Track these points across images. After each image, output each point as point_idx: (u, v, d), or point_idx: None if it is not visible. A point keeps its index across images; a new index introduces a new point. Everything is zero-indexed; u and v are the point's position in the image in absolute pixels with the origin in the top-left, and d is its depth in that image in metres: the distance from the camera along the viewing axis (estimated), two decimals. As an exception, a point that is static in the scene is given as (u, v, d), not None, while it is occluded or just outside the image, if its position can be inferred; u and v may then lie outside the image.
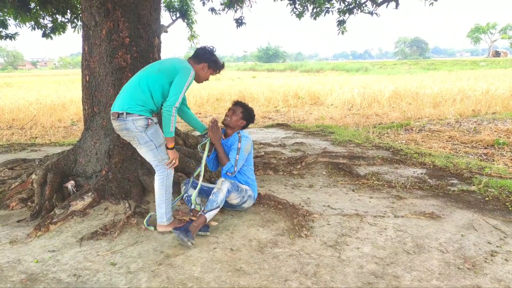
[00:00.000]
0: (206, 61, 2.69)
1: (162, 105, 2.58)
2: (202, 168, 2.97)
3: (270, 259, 2.43)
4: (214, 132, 2.93)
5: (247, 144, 3.03)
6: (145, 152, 2.62)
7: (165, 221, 2.77)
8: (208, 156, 3.05)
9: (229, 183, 2.86)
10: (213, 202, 2.72)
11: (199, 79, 2.74)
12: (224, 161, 2.99)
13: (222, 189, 2.79)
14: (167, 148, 2.66)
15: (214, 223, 2.91)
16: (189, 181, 3.13)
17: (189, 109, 2.96)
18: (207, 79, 2.80)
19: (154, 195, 3.54)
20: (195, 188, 3.05)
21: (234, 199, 2.98)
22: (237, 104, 3.10)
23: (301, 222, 2.90)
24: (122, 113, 2.49)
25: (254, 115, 3.16)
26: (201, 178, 2.95)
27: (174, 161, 2.70)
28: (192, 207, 3.04)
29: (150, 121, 2.56)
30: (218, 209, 2.76)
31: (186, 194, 3.09)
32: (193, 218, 2.80)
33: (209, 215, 2.71)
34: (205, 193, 3.10)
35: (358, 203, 3.42)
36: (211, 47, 2.74)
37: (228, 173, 2.99)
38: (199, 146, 3.12)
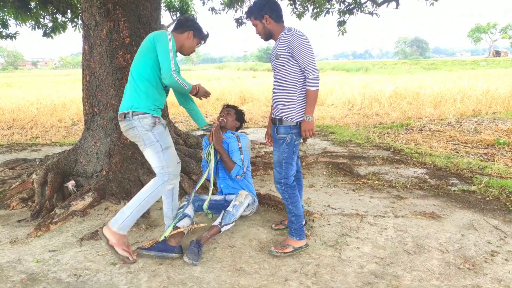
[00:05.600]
0: (190, 29, 2.55)
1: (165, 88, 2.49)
2: (211, 178, 2.85)
3: (270, 259, 2.43)
4: (217, 137, 2.89)
5: (247, 141, 3.03)
6: (150, 155, 2.41)
7: (117, 227, 2.31)
8: (214, 163, 2.93)
9: (251, 197, 2.85)
10: (232, 216, 2.64)
11: (185, 49, 2.59)
12: (230, 165, 2.91)
13: (244, 203, 2.75)
14: (194, 94, 2.56)
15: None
16: (190, 198, 2.81)
17: (196, 105, 2.88)
18: (194, 50, 2.65)
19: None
20: (198, 205, 2.93)
21: (246, 212, 2.94)
22: (229, 106, 3.18)
23: (301, 222, 2.89)
24: (128, 113, 2.37)
25: (245, 117, 3.22)
26: (211, 189, 2.83)
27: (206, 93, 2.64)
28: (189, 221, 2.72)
29: (157, 120, 2.41)
30: (233, 224, 2.69)
31: (182, 209, 2.71)
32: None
33: (224, 229, 2.62)
34: (213, 206, 2.99)
35: (359, 203, 3.42)
36: (193, 15, 2.64)
37: (237, 176, 2.93)
38: (204, 155, 3.03)
